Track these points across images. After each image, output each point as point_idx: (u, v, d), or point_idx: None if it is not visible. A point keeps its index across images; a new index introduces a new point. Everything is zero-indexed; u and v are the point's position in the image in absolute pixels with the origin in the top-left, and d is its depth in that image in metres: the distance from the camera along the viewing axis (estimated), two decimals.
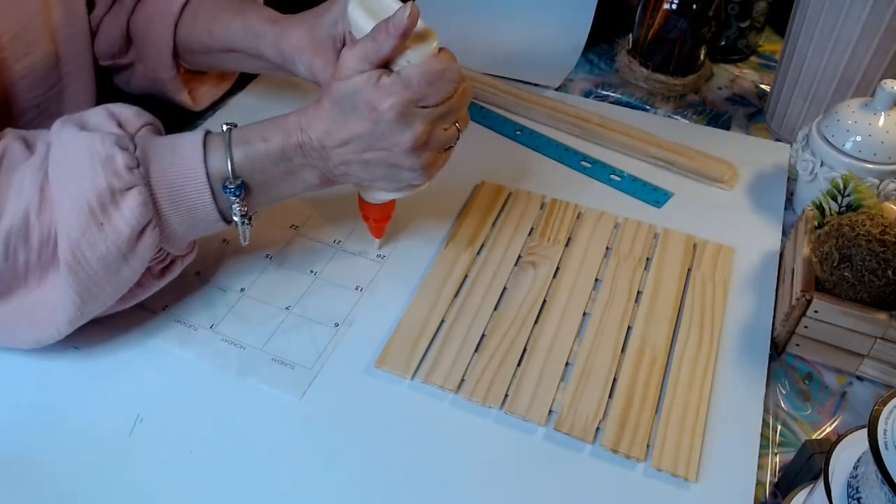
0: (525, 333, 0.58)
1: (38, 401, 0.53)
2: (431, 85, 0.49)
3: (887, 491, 0.34)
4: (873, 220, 0.53)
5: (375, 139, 0.50)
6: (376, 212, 0.61)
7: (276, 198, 0.54)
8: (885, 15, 0.66)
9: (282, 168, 0.52)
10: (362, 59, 0.49)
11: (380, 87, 0.49)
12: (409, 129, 0.50)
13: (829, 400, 0.55)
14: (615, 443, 0.51)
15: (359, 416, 0.53)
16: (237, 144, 0.51)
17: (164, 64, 0.68)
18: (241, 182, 0.51)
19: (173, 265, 0.55)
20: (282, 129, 0.51)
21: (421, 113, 0.50)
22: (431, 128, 0.51)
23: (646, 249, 0.65)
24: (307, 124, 0.51)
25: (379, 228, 0.63)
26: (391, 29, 0.48)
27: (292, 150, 0.51)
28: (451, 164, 0.74)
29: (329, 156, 0.52)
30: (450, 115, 0.51)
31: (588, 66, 0.91)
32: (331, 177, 0.54)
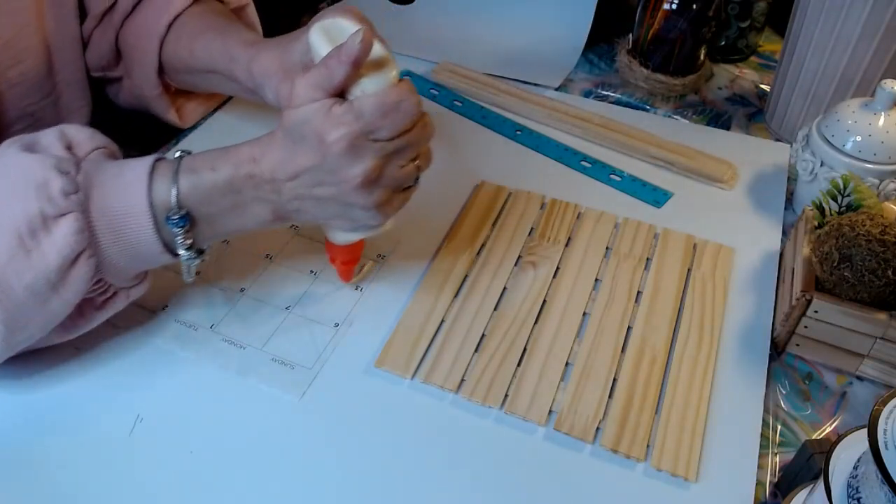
0: (525, 333, 0.58)
1: (38, 401, 0.53)
2: (385, 117, 0.46)
3: (887, 491, 0.34)
4: (873, 220, 0.53)
5: (325, 173, 0.47)
6: (343, 253, 0.57)
7: (225, 232, 0.51)
8: (885, 15, 0.66)
9: (230, 200, 0.49)
10: (314, 86, 0.46)
11: (330, 118, 0.46)
12: (359, 163, 0.47)
13: (829, 400, 0.55)
14: (615, 443, 0.51)
15: (359, 416, 0.53)
16: (185, 173, 0.48)
17: (149, 81, 0.67)
18: (185, 213, 0.47)
19: (115, 298, 0.51)
20: (233, 159, 0.48)
21: (373, 147, 0.47)
22: (384, 163, 0.48)
23: (646, 249, 0.65)
24: (260, 155, 0.48)
25: (347, 271, 0.59)
26: (343, 56, 0.45)
27: (242, 182, 0.48)
28: (451, 164, 0.75)
29: (281, 189, 0.48)
30: (406, 150, 0.48)
31: (588, 66, 0.91)
32: (284, 213, 0.50)
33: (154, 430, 0.51)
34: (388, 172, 0.48)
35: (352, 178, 0.47)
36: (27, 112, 0.63)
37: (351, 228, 0.53)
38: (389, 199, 0.50)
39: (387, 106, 0.46)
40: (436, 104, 0.83)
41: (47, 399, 0.53)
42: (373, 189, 0.48)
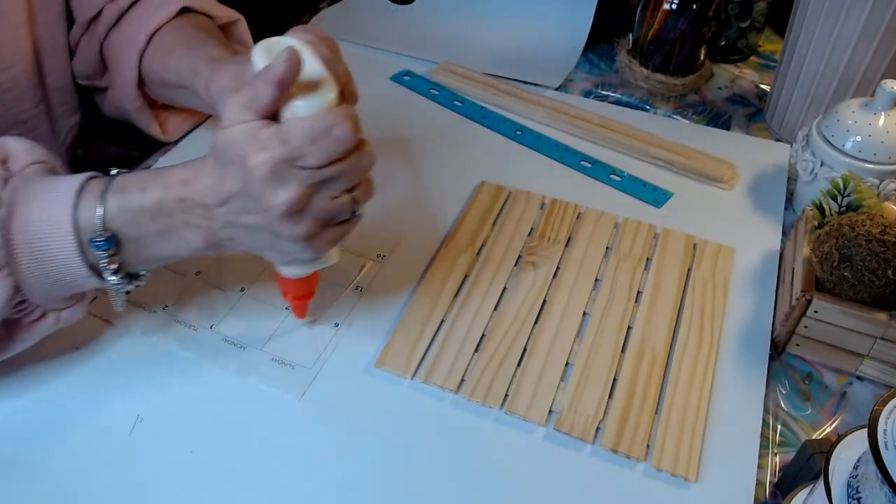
0: (525, 333, 0.58)
1: (38, 401, 0.53)
2: (314, 143, 0.42)
3: (887, 491, 0.34)
4: (873, 220, 0.53)
5: (249, 200, 0.44)
6: (294, 288, 0.54)
7: (156, 258, 0.48)
8: (885, 15, 0.66)
9: (160, 224, 0.45)
10: (243, 107, 0.43)
11: (255, 141, 0.42)
12: (283, 191, 0.43)
13: (829, 400, 0.55)
14: (615, 443, 0.51)
15: (359, 416, 0.53)
16: (113, 193, 0.45)
17: (129, 93, 0.66)
18: (110, 236, 0.45)
19: (43, 319, 0.49)
20: (164, 180, 0.45)
21: (298, 174, 0.43)
22: (311, 192, 0.44)
23: (646, 249, 0.65)
24: (191, 177, 0.45)
25: (299, 307, 0.56)
26: (268, 76, 0.42)
27: (172, 205, 0.45)
28: (451, 164, 0.75)
29: (213, 216, 0.45)
30: (338, 180, 0.45)
31: (588, 66, 0.91)
32: (216, 241, 0.47)
33: (154, 430, 0.51)
34: (317, 203, 0.45)
35: (275, 207, 0.43)
36: (19, 119, 0.63)
37: (284, 262, 0.49)
38: (319, 231, 0.46)
39: (316, 131, 0.43)
40: (436, 104, 0.83)
41: (47, 399, 0.53)
42: (299, 220, 0.44)
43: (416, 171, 0.74)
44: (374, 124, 0.79)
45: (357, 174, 0.46)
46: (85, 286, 0.47)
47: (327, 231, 0.47)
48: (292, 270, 0.51)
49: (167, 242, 0.47)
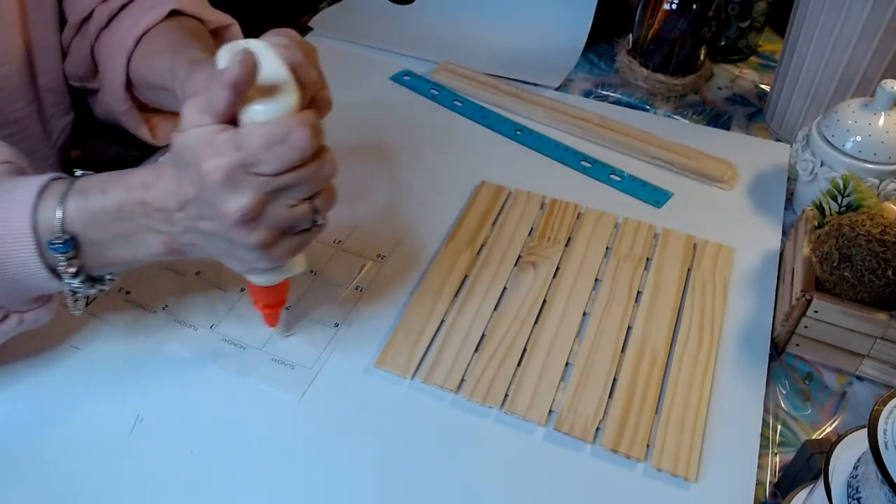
0: (525, 333, 0.58)
1: (38, 401, 0.53)
2: (269, 149, 0.41)
3: (887, 491, 0.34)
4: (873, 220, 0.53)
5: (204, 205, 0.43)
6: (265, 297, 0.53)
7: (116, 261, 0.47)
8: (885, 15, 0.66)
9: (120, 227, 0.45)
10: (200, 110, 0.42)
11: (211, 146, 0.41)
12: (236, 197, 0.42)
13: (829, 400, 0.55)
14: (615, 443, 0.51)
15: (359, 416, 0.53)
16: (74, 195, 0.44)
17: (117, 96, 0.66)
18: (69, 238, 0.44)
19: (6, 320, 0.48)
20: (125, 183, 0.44)
21: (253, 181, 0.42)
22: (267, 200, 0.43)
23: (646, 249, 0.65)
24: (153, 181, 0.44)
25: (271, 315, 0.55)
26: (223, 78, 0.41)
27: (133, 209, 0.44)
28: (451, 164, 0.75)
29: (173, 220, 0.44)
30: (296, 188, 0.43)
31: (588, 66, 0.91)
32: (178, 246, 0.46)
33: (154, 430, 0.51)
34: (274, 211, 0.43)
35: (229, 214, 0.42)
36: (11, 119, 0.63)
37: (244, 270, 0.48)
38: (276, 240, 0.45)
39: (273, 137, 0.41)
40: (436, 104, 0.83)
41: (47, 399, 0.53)
42: (254, 227, 0.43)
43: (416, 171, 0.74)
44: (374, 124, 0.80)
45: (316, 183, 0.44)
46: (46, 288, 0.46)
47: (285, 240, 0.45)
48: (259, 279, 0.50)
49: (128, 246, 0.46)
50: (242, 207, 0.42)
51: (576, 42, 0.90)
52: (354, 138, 0.78)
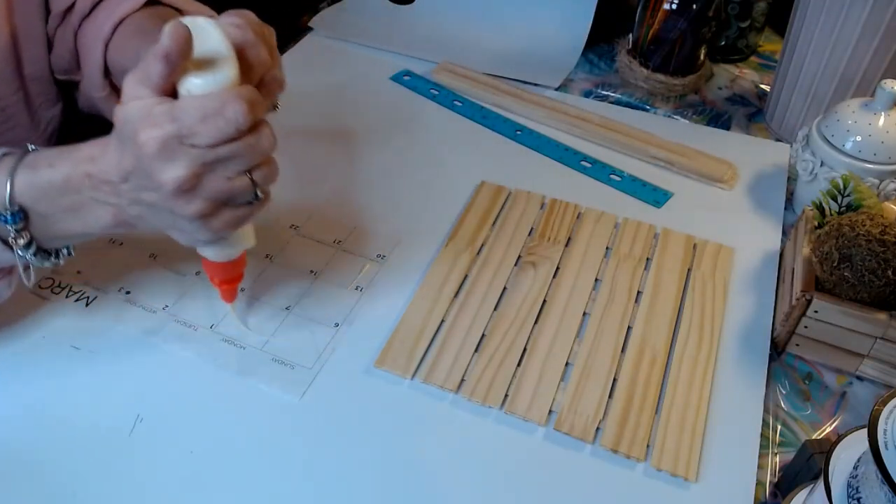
0: (525, 333, 0.58)
1: (38, 401, 0.53)
2: (204, 122, 0.42)
3: (887, 491, 0.34)
4: (873, 220, 0.53)
5: (144, 176, 0.44)
6: (220, 272, 0.53)
7: (66, 234, 0.48)
8: (885, 15, 0.66)
9: (68, 200, 0.46)
10: (138, 83, 0.43)
11: (148, 117, 0.42)
12: (171, 168, 0.42)
13: (829, 400, 0.55)
14: (615, 443, 0.51)
15: (359, 416, 0.53)
16: (24, 168, 0.46)
17: (96, 83, 0.66)
18: (17, 210, 0.46)
19: None
20: (72, 157, 0.46)
21: (188, 153, 0.42)
22: (202, 172, 0.43)
23: (646, 249, 0.65)
24: (99, 154, 0.45)
25: (228, 291, 0.55)
26: (156, 50, 0.41)
27: (80, 181, 0.45)
28: (451, 164, 0.75)
29: (119, 192, 0.45)
30: (232, 161, 0.44)
31: (588, 66, 0.91)
32: (128, 219, 0.47)
33: (154, 430, 0.51)
34: (210, 183, 0.44)
35: (165, 184, 0.43)
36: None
37: (189, 241, 0.49)
38: (215, 211, 0.45)
39: (208, 110, 0.42)
40: (436, 104, 0.83)
41: (47, 399, 0.53)
42: (191, 198, 0.44)
43: (416, 172, 0.74)
44: (374, 124, 0.80)
45: (254, 156, 0.45)
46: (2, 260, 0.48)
47: (225, 212, 0.46)
48: (211, 253, 0.51)
49: (77, 219, 0.47)
50: (178, 178, 0.43)
51: (576, 42, 0.90)
52: (354, 138, 0.78)
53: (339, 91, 0.85)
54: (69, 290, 0.60)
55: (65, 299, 0.59)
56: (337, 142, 0.77)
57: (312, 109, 0.81)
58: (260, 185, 0.46)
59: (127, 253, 0.64)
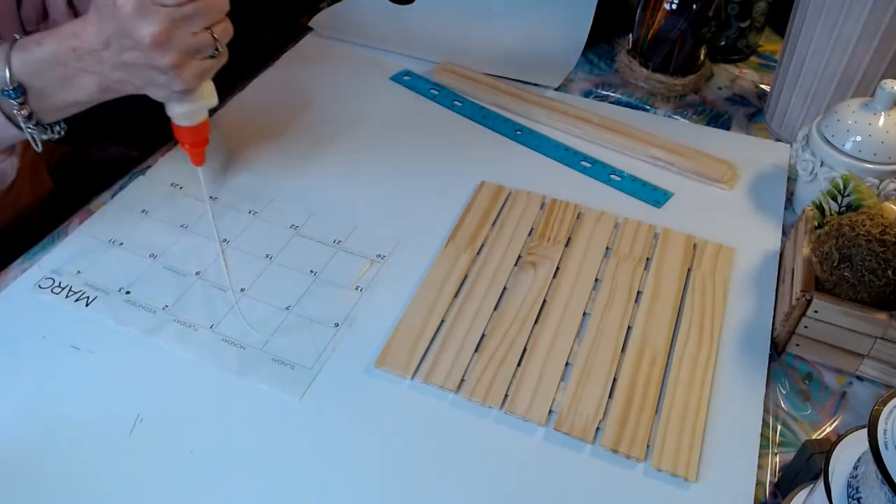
0: (525, 333, 0.58)
1: (38, 401, 0.53)
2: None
3: (887, 491, 0.34)
4: (873, 220, 0.53)
5: (123, 37, 0.52)
6: (188, 135, 0.61)
7: (60, 104, 0.56)
8: (885, 15, 0.66)
9: (58, 73, 0.54)
10: None
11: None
12: (147, 24, 0.51)
13: (829, 400, 0.55)
14: (615, 443, 0.51)
15: (359, 416, 0.53)
16: (17, 50, 0.53)
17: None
18: (17, 85, 0.53)
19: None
20: (57, 35, 0.53)
21: (159, 10, 0.51)
22: (173, 28, 0.52)
23: (646, 249, 0.65)
24: (80, 29, 0.53)
25: (196, 154, 0.63)
26: None
27: (66, 55, 0.53)
28: (451, 164, 0.75)
29: (102, 59, 0.53)
30: (197, 17, 0.52)
31: (588, 66, 0.91)
32: (111, 84, 0.55)
33: (154, 430, 0.51)
34: (180, 37, 0.52)
35: (143, 39, 0.51)
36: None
37: (165, 96, 0.56)
38: (185, 62, 0.53)
39: None
40: (436, 104, 0.83)
41: (47, 399, 0.53)
42: (166, 50, 0.52)
43: (416, 171, 0.74)
44: (374, 124, 0.80)
45: (212, 13, 0.53)
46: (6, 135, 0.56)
47: (193, 63, 0.54)
48: (179, 109, 0.58)
49: (67, 89, 0.55)
50: (154, 33, 0.51)
51: (576, 42, 0.90)
52: (354, 138, 0.78)
53: (339, 91, 0.85)
54: (69, 290, 0.60)
55: (65, 299, 0.59)
56: (337, 142, 0.77)
57: (312, 109, 0.81)
58: (219, 40, 0.55)
59: (127, 253, 0.64)
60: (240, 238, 0.65)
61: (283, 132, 0.78)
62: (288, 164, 0.74)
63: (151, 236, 0.65)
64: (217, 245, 0.64)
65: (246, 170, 0.73)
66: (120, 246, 0.64)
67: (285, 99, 0.83)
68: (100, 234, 0.65)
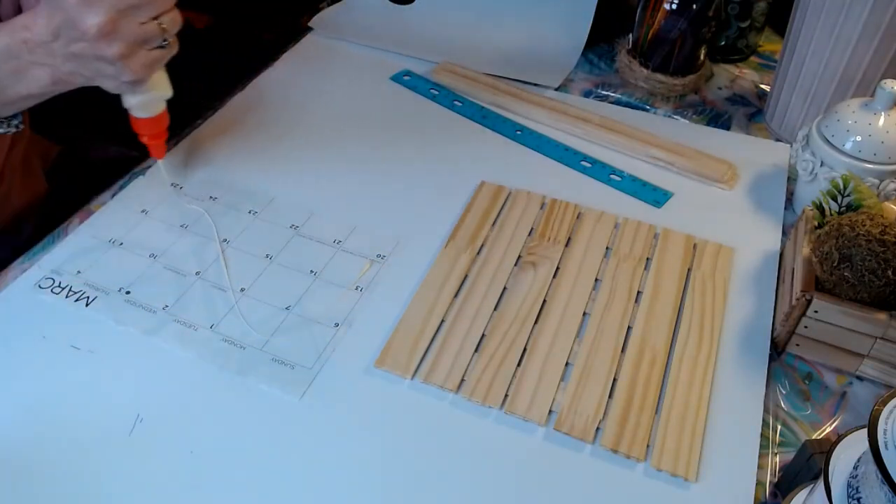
0: (525, 333, 0.58)
1: (38, 401, 0.53)
2: None
3: (887, 491, 0.33)
4: (873, 220, 0.53)
5: (71, 28, 0.52)
6: (146, 127, 0.62)
7: (14, 97, 0.56)
8: (885, 15, 0.66)
9: (11, 66, 0.54)
10: None
11: None
12: (92, 14, 0.51)
13: (829, 400, 0.55)
14: (615, 443, 0.51)
15: (359, 416, 0.53)
16: None
17: None
18: None
19: None
20: (9, 28, 0.54)
21: (105, 0, 0.51)
22: (119, 18, 0.52)
23: (646, 249, 0.65)
24: (31, 22, 0.53)
25: (156, 147, 0.64)
26: None
27: (18, 48, 0.53)
28: (451, 164, 0.75)
29: (53, 51, 0.53)
30: (144, 7, 0.53)
31: (588, 66, 0.91)
32: (62, 76, 0.55)
33: (154, 430, 0.51)
34: (126, 27, 0.52)
35: (89, 29, 0.51)
36: None
37: (116, 87, 0.57)
38: (133, 52, 0.53)
39: None
40: (436, 104, 0.83)
41: (47, 399, 0.53)
42: (112, 41, 0.52)
43: (416, 171, 0.74)
44: (374, 124, 0.80)
45: (159, 3, 0.54)
46: None
47: (140, 54, 0.54)
48: (132, 100, 0.59)
49: (21, 83, 0.55)
50: (99, 23, 0.51)
51: (576, 42, 0.90)
52: (354, 138, 0.78)
53: (339, 91, 0.85)
54: (69, 290, 0.60)
55: (65, 299, 0.59)
56: (337, 142, 0.77)
57: (312, 109, 0.81)
58: (167, 30, 0.55)
59: (127, 253, 0.64)
60: (240, 238, 0.65)
61: (284, 132, 0.78)
62: (288, 164, 0.74)
63: (151, 236, 0.65)
64: (217, 245, 0.64)
65: (245, 169, 0.73)
66: (120, 246, 0.64)
67: (285, 99, 0.83)
68: (100, 234, 0.65)
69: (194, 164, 0.73)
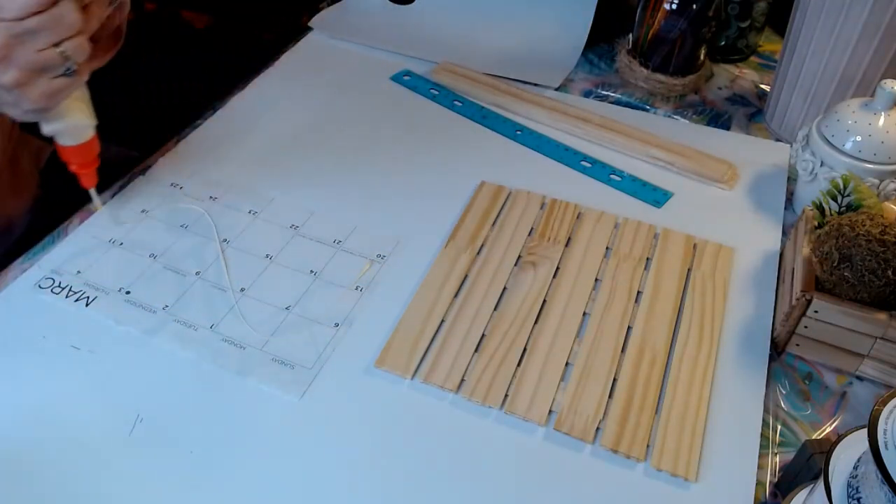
0: (525, 333, 0.58)
1: (38, 401, 0.53)
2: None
3: (887, 491, 0.34)
4: (873, 220, 0.53)
5: None
6: (73, 155, 0.60)
7: None
8: (885, 15, 0.66)
9: None
10: None
11: None
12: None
13: (829, 400, 0.55)
14: (615, 443, 0.51)
15: (359, 416, 0.53)
16: None
17: None
18: None
19: None
20: None
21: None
22: (13, 42, 0.48)
23: (646, 249, 0.65)
24: None
25: (86, 176, 0.62)
26: None
27: None
28: (452, 164, 0.75)
29: None
30: (42, 33, 0.48)
31: (588, 66, 0.91)
32: None
33: (154, 430, 0.51)
34: (21, 54, 0.49)
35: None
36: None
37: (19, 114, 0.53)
38: (30, 80, 0.50)
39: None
40: (436, 104, 0.83)
41: (47, 399, 0.53)
42: (6, 68, 0.49)
43: (416, 172, 0.74)
44: (374, 124, 0.80)
45: (59, 29, 0.49)
46: None
47: (40, 81, 0.51)
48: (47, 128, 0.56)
49: None
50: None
51: (576, 42, 0.90)
52: (354, 138, 0.78)
53: (340, 91, 0.85)
54: (69, 290, 0.60)
55: (65, 299, 0.59)
56: (337, 141, 0.77)
57: (312, 109, 0.81)
58: (72, 59, 0.51)
59: (127, 253, 0.64)
60: (240, 238, 0.65)
61: (284, 132, 0.78)
62: (288, 164, 0.74)
63: (151, 236, 0.65)
64: (217, 245, 0.64)
65: (245, 170, 0.73)
66: (120, 246, 0.64)
67: (286, 98, 0.83)
68: (100, 234, 0.65)
69: (194, 164, 0.73)
